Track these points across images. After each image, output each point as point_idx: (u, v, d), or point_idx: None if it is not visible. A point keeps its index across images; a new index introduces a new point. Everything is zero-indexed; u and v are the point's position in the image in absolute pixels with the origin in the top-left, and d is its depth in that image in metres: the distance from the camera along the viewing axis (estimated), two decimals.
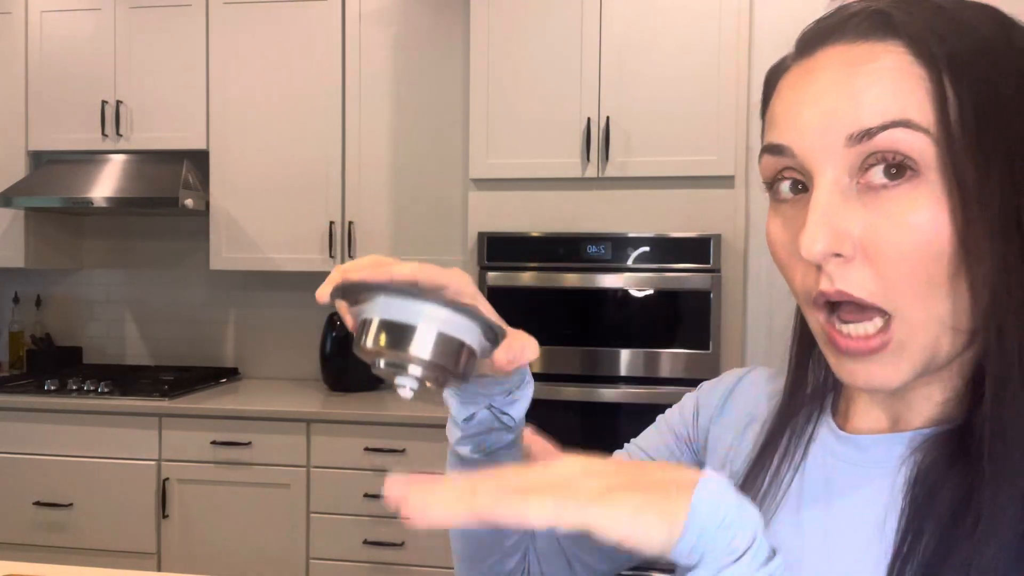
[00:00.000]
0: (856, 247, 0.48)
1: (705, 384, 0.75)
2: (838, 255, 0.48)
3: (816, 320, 0.52)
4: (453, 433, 0.66)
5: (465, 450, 0.66)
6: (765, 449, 0.62)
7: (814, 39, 0.52)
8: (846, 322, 0.50)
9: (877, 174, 0.48)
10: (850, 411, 0.59)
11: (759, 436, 0.63)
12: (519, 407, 0.64)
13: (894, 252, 0.47)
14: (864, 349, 0.49)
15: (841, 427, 0.59)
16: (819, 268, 0.50)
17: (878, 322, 0.49)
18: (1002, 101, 0.47)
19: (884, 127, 0.47)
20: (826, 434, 0.59)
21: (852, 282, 0.49)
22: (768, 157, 0.53)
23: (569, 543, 0.73)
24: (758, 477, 0.61)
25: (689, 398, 0.75)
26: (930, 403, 0.54)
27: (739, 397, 0.71)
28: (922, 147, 0.47)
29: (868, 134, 0.47)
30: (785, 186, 0.53)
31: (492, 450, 0.67)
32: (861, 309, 0.49)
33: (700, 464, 0.72)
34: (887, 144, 0.47)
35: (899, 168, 0.47)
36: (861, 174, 0.48)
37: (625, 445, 0.77)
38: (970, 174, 0.46)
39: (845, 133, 0.48)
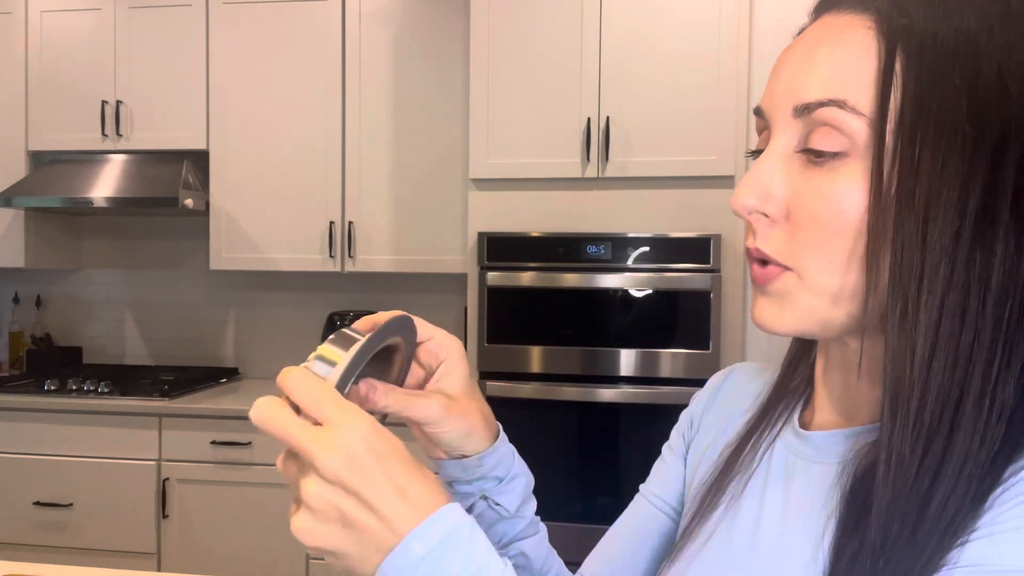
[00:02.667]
0: (782, 210, 0.51)
1: (695, 394, 0.76)
2: (765, 215, 0.52)
3: (748, 263, 0.56)
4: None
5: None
6: (745, 438, 0.63)
7: (818, 6, 0.54)
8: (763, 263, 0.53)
9: (814, 146, 0.49)
10: (815, 407, 0.60)
11: (743, 427, 0.65)
12: (511, 497, 0.64)
13: (807, 219, 0.50)
14: (759, 276, 0.53)
15: (806, 423, 0.60)
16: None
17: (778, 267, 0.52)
18: (951, 92, 0.46)
19: (820, 104, 0.49)
20: (787, 429, 0.61)
21: (770, 242, 0.52)
22: (755, 117, 0.56)
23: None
24: (734, 465, 0.62)
25: (683, 414, 0.76)
26: (871, 401, 0.55)
27: (722, 396, 0.72)
28: (854, 127, 0.48)
29: (807, 108, 0.49)
30: (761, 144, 0.56)
31: (507, 543, 0.66)
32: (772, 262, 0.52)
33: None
34: (821, 120, 0.49)
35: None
36: (805, 143, 0.50)
37: (640, 487, 0.75)
38: (893, 159, 0.46)
39: (793, 103, 0.50)
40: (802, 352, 0.64)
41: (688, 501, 0.67)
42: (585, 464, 2.57)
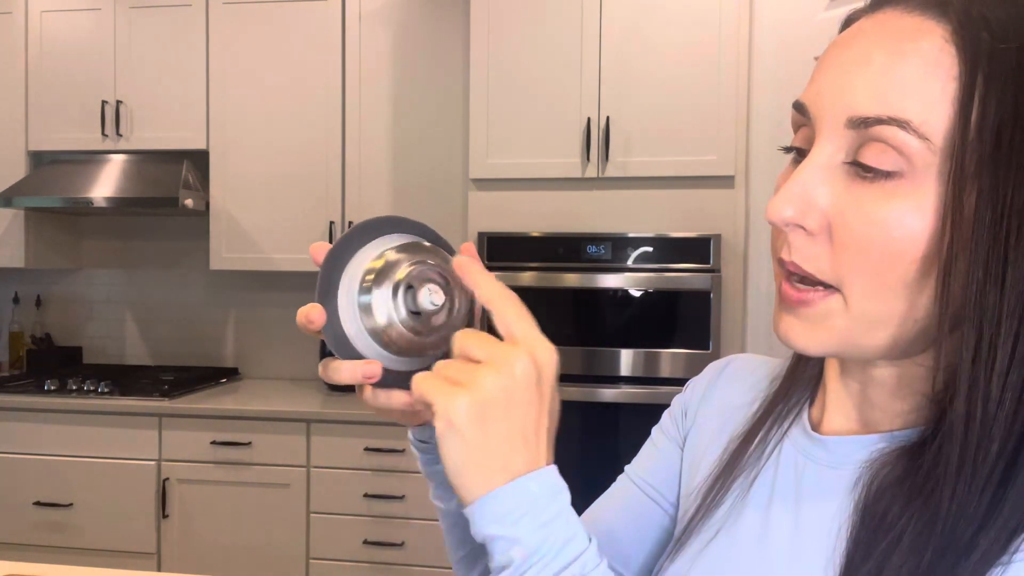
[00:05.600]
0: (821, 224, 0.47)
1: (690, 382, 0.74)
2: (802, 227, 0.48)
3: (776, 272, 0.53)
4: (432, 493, 0.65)
5: (441, 503, 0.64)
6: (750, 432, 0.61)
7: None
8: (800, 281, 0.50)
9: (865, 161, 0.46)
10: (825, 408, 0.58)
11: (748, 421, 0.63)
12: None
13: (851, 240, 0.46)
14: (795, 298, 0.49)
15: (816, 424, 0.58)
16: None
17: (820, 289, 0.49)
18: None
19: (879, 120, 0.45)
20: (798, 430, 0.59)
21: (808, 257, 0.48)
22: (793, 111, 0.51)
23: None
24: (740, 460, 0.60)
25: (676, 400, 0.73)
26: (896, 409, 0.53)
27: (720, 388, 0.69)
28: (913, 148, 0.44)
29: (864, 123, 0.45)
30: (799, 142, 0.51)
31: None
32: (813, 280, 0.49)
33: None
34: (877, 136, 0.45)
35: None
36: (854, 156, 0.46)
37: (626, 468, 0.73)
38: (966, 191, 0.43)
39: (847, 114, 0.46)
40: None
41: (690, 495, 0.65)
42: (585, 464, 2.57)
